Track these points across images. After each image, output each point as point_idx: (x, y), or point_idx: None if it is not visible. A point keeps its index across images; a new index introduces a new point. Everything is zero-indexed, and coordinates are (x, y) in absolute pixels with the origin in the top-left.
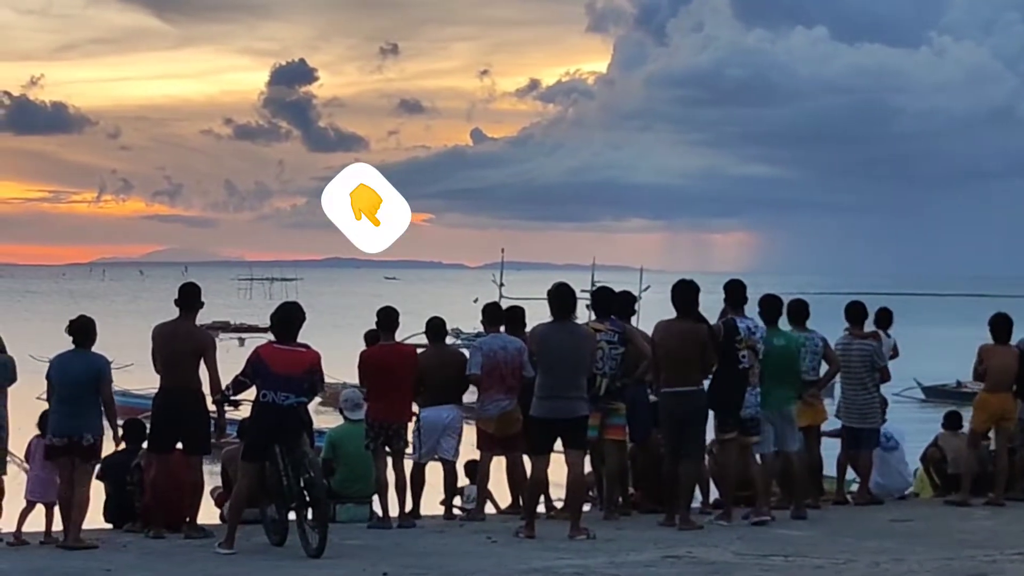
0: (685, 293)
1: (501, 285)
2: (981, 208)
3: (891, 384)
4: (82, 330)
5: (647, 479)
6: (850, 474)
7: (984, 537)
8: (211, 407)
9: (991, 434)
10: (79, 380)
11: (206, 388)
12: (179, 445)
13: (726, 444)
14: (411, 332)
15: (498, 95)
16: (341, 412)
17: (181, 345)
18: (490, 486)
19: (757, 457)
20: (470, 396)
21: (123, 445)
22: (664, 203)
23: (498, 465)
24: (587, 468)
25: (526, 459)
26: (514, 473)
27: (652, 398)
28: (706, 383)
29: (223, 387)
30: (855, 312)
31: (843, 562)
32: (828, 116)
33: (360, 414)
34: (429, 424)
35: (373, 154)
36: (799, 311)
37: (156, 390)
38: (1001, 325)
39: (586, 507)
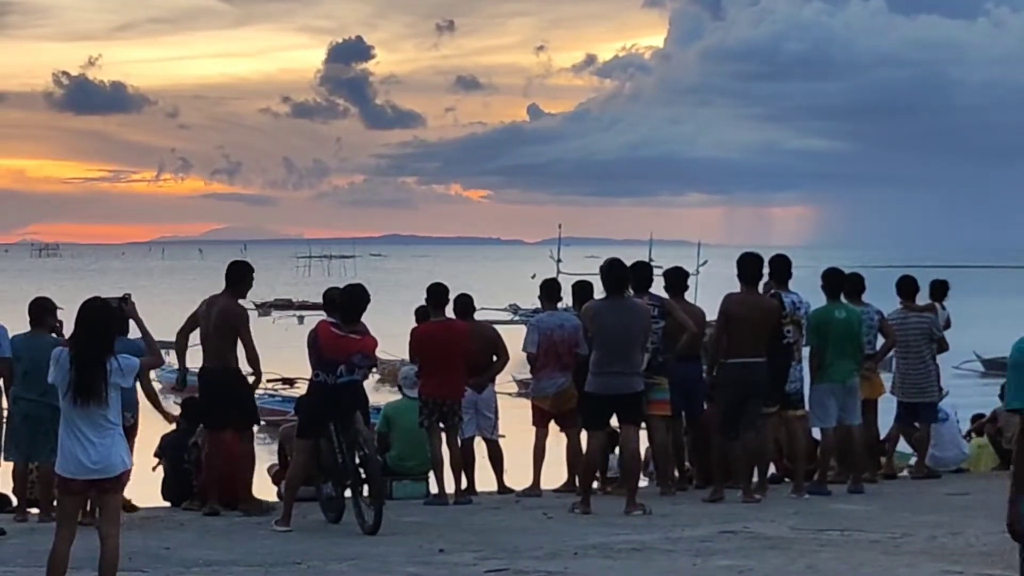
0: (753, 265)
1: (559, 261)
2: None
3: (951, 357)
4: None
5: (701, 455)
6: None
7: None
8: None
9: None
10: None
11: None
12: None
13: (766, 418)
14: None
15: (555, 71)
16: (400, 388)
17: (213, 322)
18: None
19: (816, 432)
20: (525, 373)
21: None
22: (723, 177)
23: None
24: (643, 444)
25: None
26: (570, 450)
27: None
28: None
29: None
30: (907, 286)
31: (900, 536)
32: (887, 89)
33: (417, 391)
34: (464, 399)
35: (430, 131)
36: (855, 285)
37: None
38: None
39: (642, 482)
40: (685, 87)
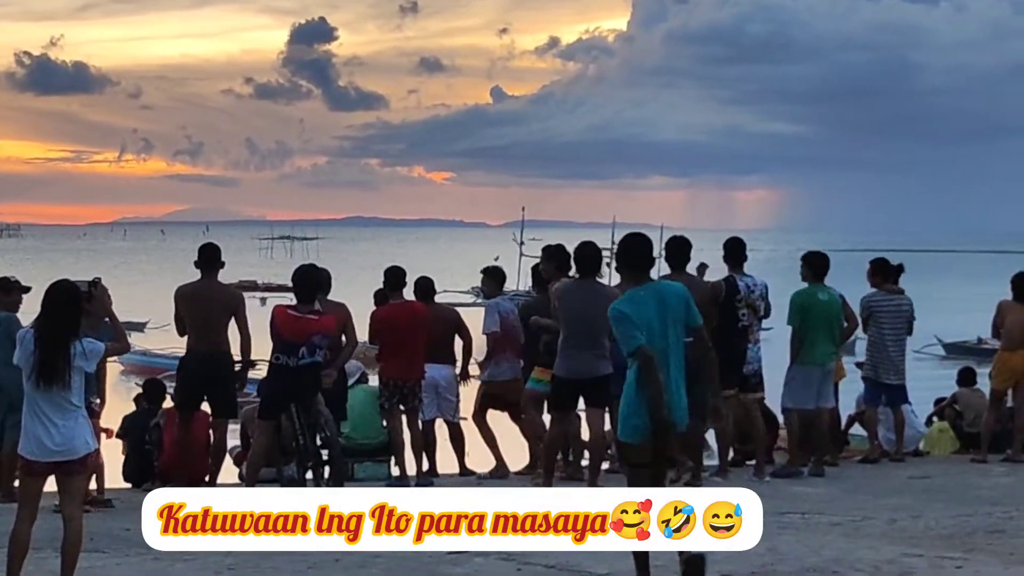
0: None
1: (521, 244)
2: (1006, 164)
3: (912, 340)
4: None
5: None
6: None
7: (1002, 494)
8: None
9: (1009, 391)
10: None
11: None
12: (205, 407)
13: (724, 402)
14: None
15: (518, 53)
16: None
17: (213, 306)
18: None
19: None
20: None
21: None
22: (686, 160)
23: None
24: (607, 426)
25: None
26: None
27: None
28: None
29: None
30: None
31: (860, 519)
32: (851, 72)
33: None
34: (425, 381)
35: (394, 113)
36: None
37: (185, 352)
38: (1023, 283)
39: (605, 464)
40: (649, 70)
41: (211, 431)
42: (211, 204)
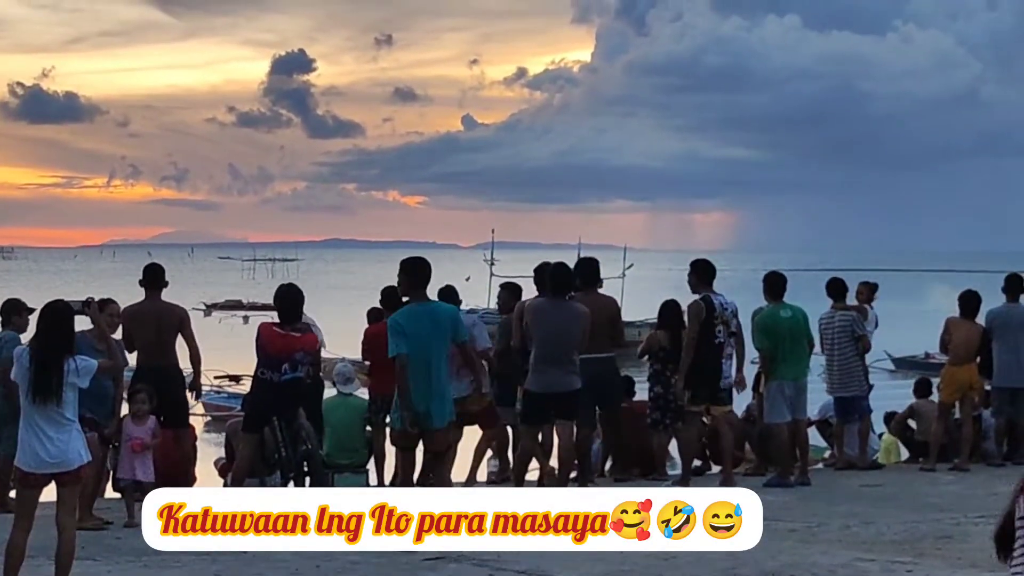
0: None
1: (492, 264)
2: (950, 186)
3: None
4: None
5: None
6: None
7: (950, 501)
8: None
9: (956, 404)
10: None
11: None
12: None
13: (690, 417)
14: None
15: (488, 83)
16: (334, 384)
17: (161, 323)
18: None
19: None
20: None
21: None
22: (647, 185)
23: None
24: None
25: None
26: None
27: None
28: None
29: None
30: (836, 287)
31: (816, 525)
32: (803, 101)
33: (350, 388)
34: None
35: (369, 140)
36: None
37: (136, 369)
38: (969, 301)
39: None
40: (611, 99)
41: (176, 443)
42: (196, 227)
